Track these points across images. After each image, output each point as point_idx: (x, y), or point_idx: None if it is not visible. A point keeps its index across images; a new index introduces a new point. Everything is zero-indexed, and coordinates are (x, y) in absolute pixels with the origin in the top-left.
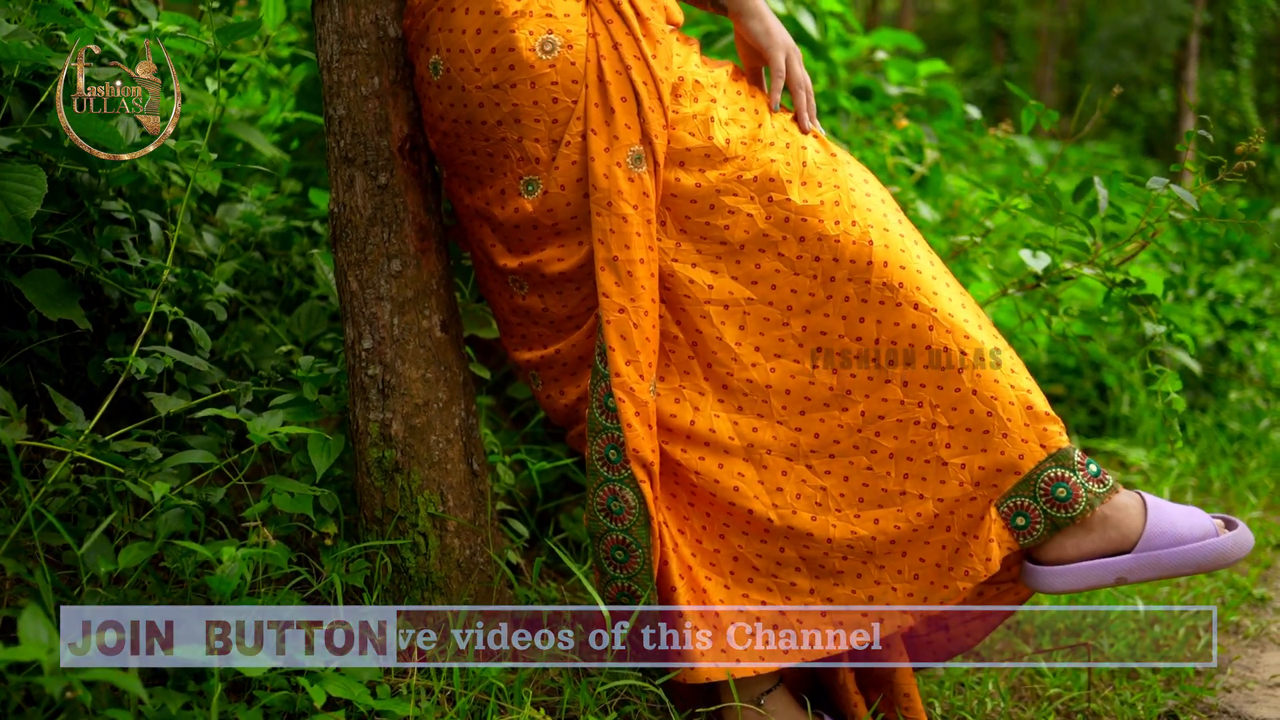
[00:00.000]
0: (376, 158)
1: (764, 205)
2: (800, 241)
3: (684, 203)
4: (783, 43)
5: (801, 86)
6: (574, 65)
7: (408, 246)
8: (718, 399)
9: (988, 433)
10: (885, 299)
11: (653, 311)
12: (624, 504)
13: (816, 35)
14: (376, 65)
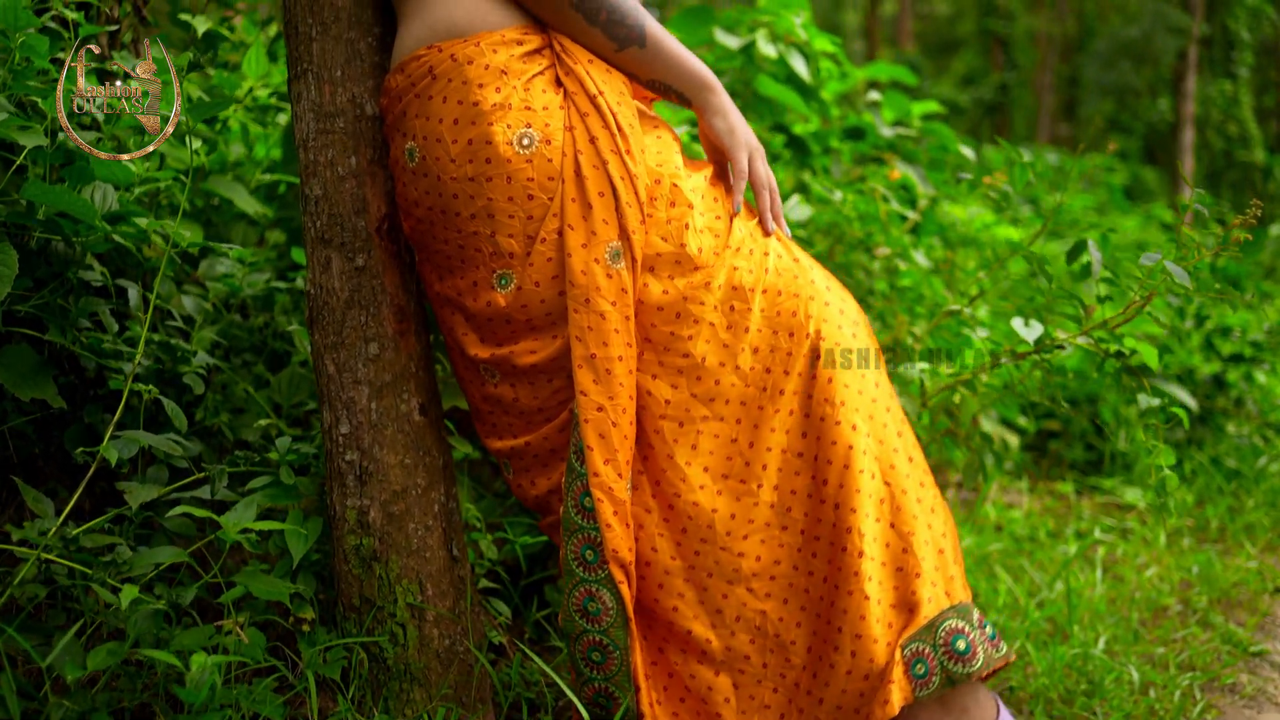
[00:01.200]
0: (354, 239)
1: (725, 314)
2: (754, 353)
3: (650, 310)
4: (746, 142)
5: (765, 187)
6: (551, 162)
7: (386, 329)
8: (663, 518)
9: (901, 570)
10: (826, 415)
11: (630, 409)
12: (601, 605)
13: (809, 78)
14: (354, 144)
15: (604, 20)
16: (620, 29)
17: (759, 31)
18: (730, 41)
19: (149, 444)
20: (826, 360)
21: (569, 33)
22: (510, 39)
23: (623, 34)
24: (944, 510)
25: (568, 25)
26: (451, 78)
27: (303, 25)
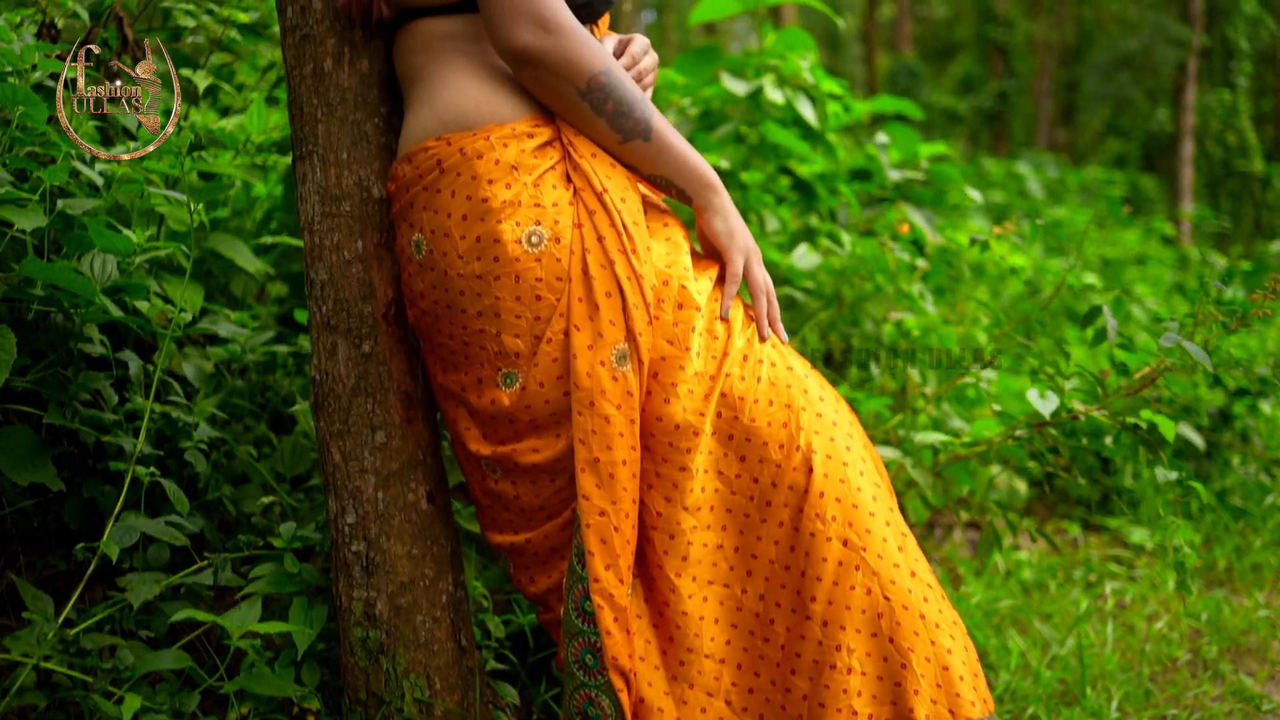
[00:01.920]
0: (360, 325)
1: (713, 420)
2: (741, 461)
3: (650, 419)
4: (744, 245)
5: (763, 292)
6: (559, 261)
7: (393, 417)
8: (651, 624)
9: (899, 685)
10: (816, 531)
11: (633, 513)
12: (600, 710)
13: (816, 124)
14: (360, 228)
15: (611, 111)
16: (626, 121)
17: (766, 76)
18: (738, 87)
19: (151, 533)
20: (819, 475)
21: (573, 122)
22: (521, 132)
23: (628, 126)
24: (951, 622)
25: (573, 114)
26: (460, 172)
27: (308, 106)
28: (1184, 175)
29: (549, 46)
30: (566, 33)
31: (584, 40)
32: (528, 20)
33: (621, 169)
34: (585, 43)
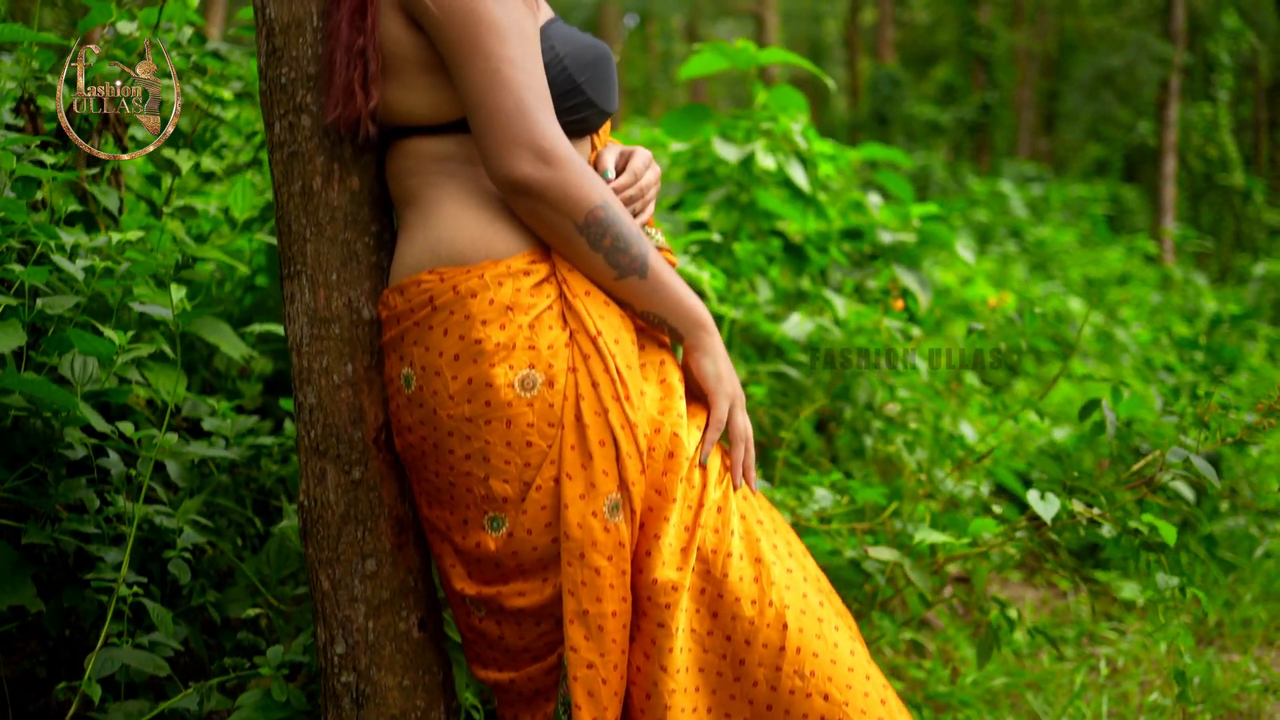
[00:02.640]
0: (350, 451)
1: (686, 575)
2: (713, 618)
3: (631, 570)
4: (730, 391)
5: (742, 440)
6: (552, 407)
7: (384, 544)
8: None
9: None
10: (795, 688)
11: (622, 664)
12: None
13: (807, 188)
14: (350, 351)
15: (608, 246)
16: (623, 257)
17: (758, 141)
18: (729, 154)
19: (133, 664)
20: (794, 631)
21: (568, 255)
22: (517, 269)
23: (624, 262)
24: None
25: (568, 247)
26: (454, 310)
27: (296, 225)
28: (1166, 192)
29: (547, 179)
30: (565, 165)
31: (583, 172)
32: (526, 150)
33: (615, 307)
34: (584, 175)
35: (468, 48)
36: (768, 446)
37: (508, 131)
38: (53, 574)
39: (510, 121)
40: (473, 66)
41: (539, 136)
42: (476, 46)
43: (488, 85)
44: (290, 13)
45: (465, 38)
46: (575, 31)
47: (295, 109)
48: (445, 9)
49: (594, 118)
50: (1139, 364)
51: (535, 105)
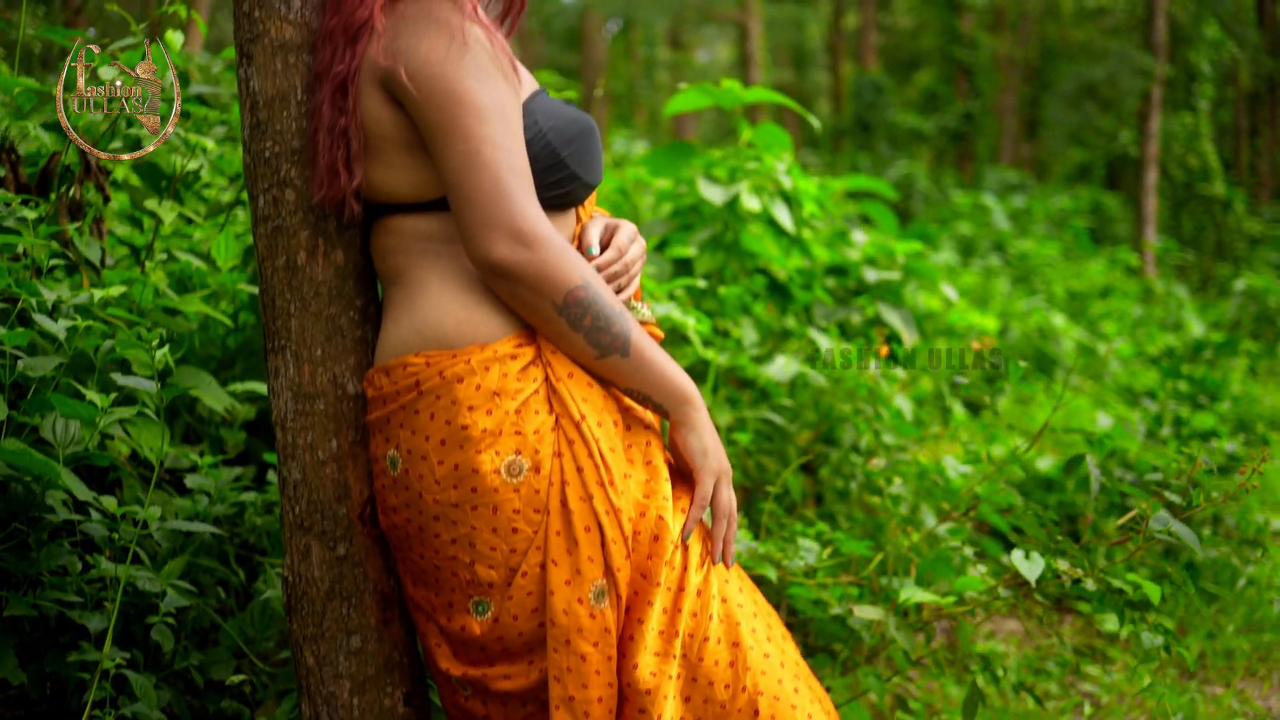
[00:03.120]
0: (335, 527)
1: (667, 662)
2: (685, 702)
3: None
4: (716, 467)
5: (725, 516)
6: (538, 493)
7: (369, 619)
8: None
9: None
10: None
11: None
12: None
13: (792, 229)
14: (334, 427)
15: (588, 326)
16: (604, 336)
17: (743, 182)
18: (714, 195)
19: None
20: (765, 715)
21: (549, 336)
22: (504, 353)
23: (606, 342)
24: None
25: (548, 328)
26: (440, 395)
27: (280, 299)
28: (1148, 203)
29: (525, 261)
30: (544, 246)
31: (561, 253)
32: (503, 233)
33: (599, 386)
34: (563, 255)
35: (447, 128)
36: (752, 491)
37: (485, 213)
38: (35, 639)
39: (488, 203)
40: (452, 147)
41: (516, 218)
42: (455, 127)
43: (466, 166)
44: (275, 86)
45: (444, 118)
46: (559, 104)
47: (279, 183)
48: (424, 90)
49: (578, 190)
50: (1122, 380)
51: (514, 186)
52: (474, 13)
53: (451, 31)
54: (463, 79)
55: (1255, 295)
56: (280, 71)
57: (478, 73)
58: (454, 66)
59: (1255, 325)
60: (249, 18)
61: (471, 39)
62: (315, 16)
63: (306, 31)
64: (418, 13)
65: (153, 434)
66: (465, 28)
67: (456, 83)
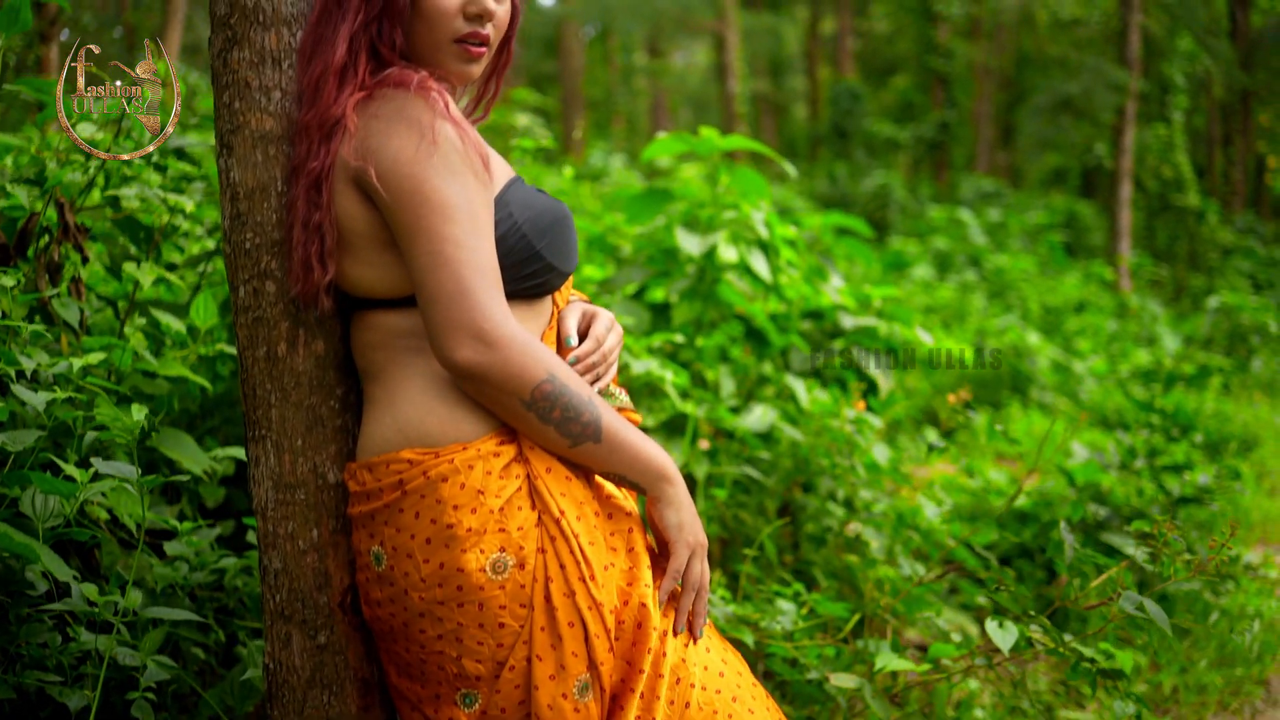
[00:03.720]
0: (315, 615)
1: None
2: None
3: None
4: (692, 540)
5: (695, 588)
6: (524, 588)
7: (349, 707)
8: None
9: None
10: None
11: None
12: None
13: (769, 278)
14: (315, 516)
15: (558, 418)
16: (575, 425)
17: (720, 233)
18: (692, 246)
19: None
20: None
21: (521, 430)
22: (486, 451)
23: (577, 431)
24: None
25: (519, 423)
26: (424, 495)
27: (260, 389)
28: (1122, 216)
29: (489, 362)
30: (506, 345)
31: (525, 349)
32: (467, 335)
33: (578, 479)
34: (526, 351)
35: (413, 228)
36: (730, 544)
37: (447, 314)
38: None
39: (450, 303)
40: (417, 247)
41: (478, 318)
42: (420, 227)
43: (429, 266)
44: (255, 178)
45: (410, 218)
46: (533, 194)
47: (260, 274)
48: (393, 189)
49: (554, 280)
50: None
51: (476, 285)
52: (445, 110)
53: (421, 130)
54: (429, 178)
55: (1228, 311)
56: (261, 163)
57: (446, 172)
58: (422, 166)
59: (1228, 342)
60: (229, 109)
61: (441, 137)
62: (295, 108)
63: (287, 123)
64: (390, 111)
65: (132, 501)
66: (435, 126)
67: (423, 182)
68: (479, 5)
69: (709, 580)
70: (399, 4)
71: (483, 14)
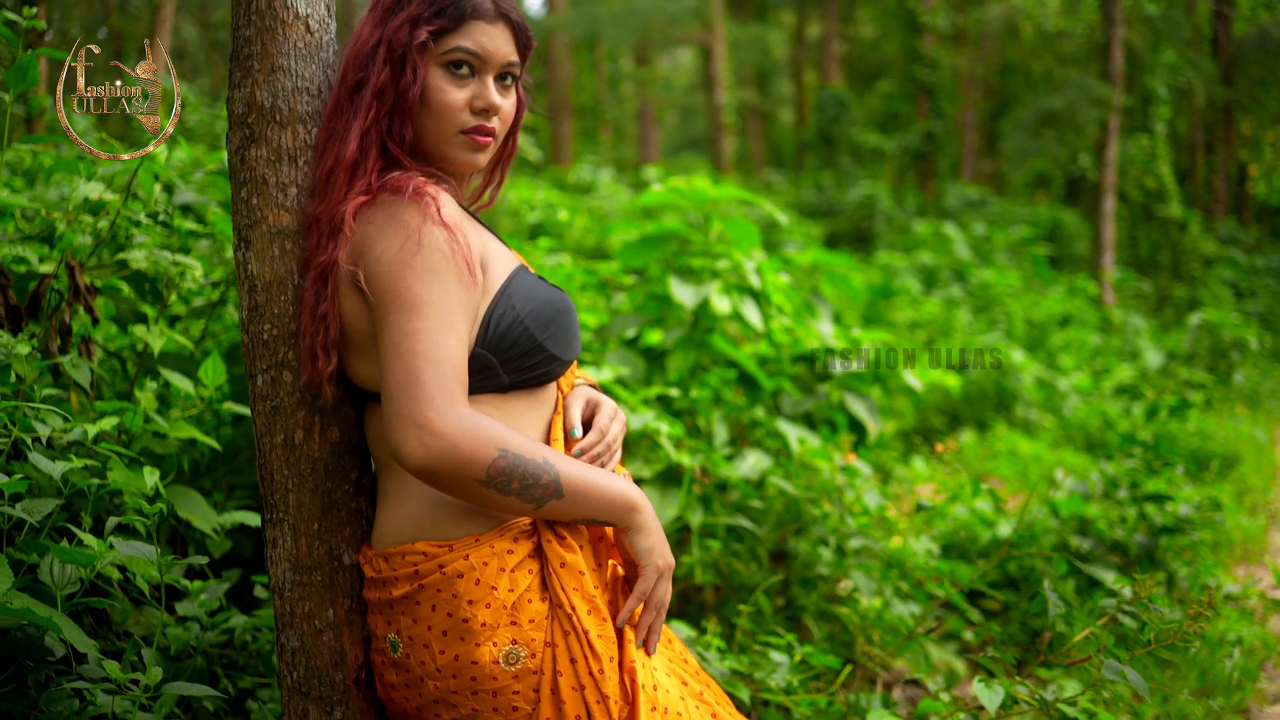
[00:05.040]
0: (331, 692)
1: None
2: None
3: None
4: (660, 564)
5: (656, 608)
6: (535, 674)
7: None
8: None
9: None
10: None
11: None
12: None
13: (760, 326)
14: (331, 597)
15: (518, 488)
16: (536, 490)
17: (713, 284)
18: (686, 297)
19: None
20: None
21: (483, 506)
22: (500, 549)
23: (539, 494)
24: None
25: (482, 501)
26: (441, 589)
27: (278, 475)
28: (1106, 230)
29: (436, 454)
30: (451, 434)
31: (472, 433)
32: (411, 427)
33: (590, 573)
34: (475, 434)
35: (381, 324)
36: (724, 590)
37: (396, 407)
38: None
39: (399, 395)
40: (382, 341)
41: (424, 407)
42: (388, 322)
43: (388, 360)
44: (272, 271)
45: (382, 314)
46: (536, 284)
47: (277, 365)
48: (374, 289)
49: (557, 369)
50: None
51: (426, 376)
52: (437, 214)
53: (408, 232)
54: (405, 276)
55: (1210, 328)
56: (278, 257)
57: (425, 272)
58: (402, 265)
59: (1210, 358)
60: (247, 204)
61: (426, 240)
62: (310, 202)
63: (303, 218)
64: (383, 217)
65: (147, 565)
66: (423, 229)
67: (398, 280)
68: (485, 100)
69: (669, 598)
70: (410, 101)
71: (489, 108)
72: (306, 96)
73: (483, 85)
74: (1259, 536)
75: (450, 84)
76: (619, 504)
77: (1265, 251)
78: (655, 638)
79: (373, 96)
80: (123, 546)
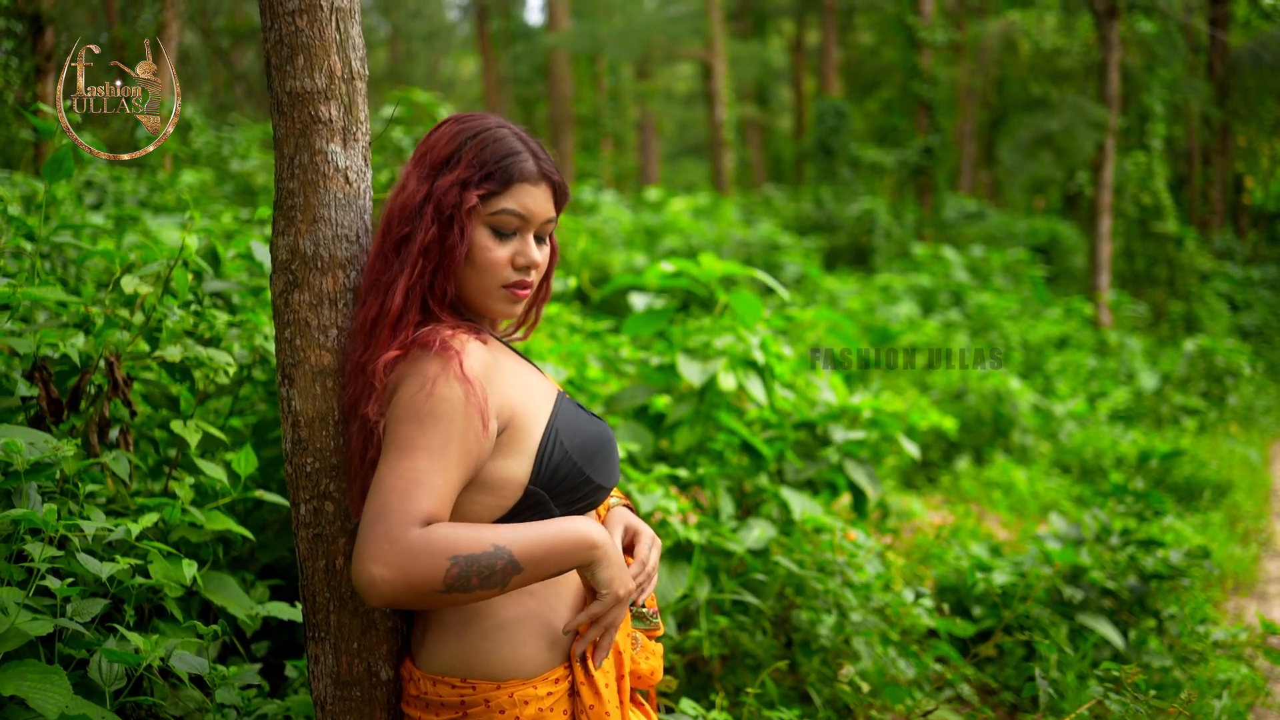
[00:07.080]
0: None
1: None
2: None
3: None
4: (623, 592)
5: (606, 626)
6: None
7: None
8: None
9: None
10: None
11: None
12: None
13: (763, 400)
14: (369, 711)
15: (477, 584)
16: (496, 577)
17: (719, 361)
18: (693, 375)
19: None
20: None
21: (456, 605)
22: (541, 692)
23: (499, 579)
24: None
25: (452, 604)
26: (482, 718)
27: (320, 597)
28: (1102, 250)
29: (393, 586)
30: (402, 563)
31: (423, 554)
32: (368, 560)
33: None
34: (424, 554)
35: (379, 461)
36: (729, 659)
37: (359, 542)
38: None
39: (365, 530)
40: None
41: (380, 541)
42: (382, 459)
43: (369, 493)
44: (314, 408)
45: (382, 452)
46: (577, 416)
47: (319, 495)
48: (385, 430)
49: (600, 496)
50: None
51: (393, 508)
52: (459, 369)
53: (423, 382)
54: (408, 421)
55: (1204, 353)
56: (320, 395)
57: (428, 418)
58: (410, 411)
59: (1205, 383)
60: (290, 344)
61: (438, 391)
62: (350, 344)
63: (343, 357)
64: (411, 371)
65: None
66: (438, 380)
67: (401, 423)
68: (527, 257)
69: (622, 620)
70: (456, 259)
71: (530, 265)
72: (345, 243)
73: (524, 243)
74: (1250, 567)
75: (494, 242)
76: (578, 549)
77: (1261, 261)
78: (602, 654)
79: (419, 253)
80: (179, 662)
